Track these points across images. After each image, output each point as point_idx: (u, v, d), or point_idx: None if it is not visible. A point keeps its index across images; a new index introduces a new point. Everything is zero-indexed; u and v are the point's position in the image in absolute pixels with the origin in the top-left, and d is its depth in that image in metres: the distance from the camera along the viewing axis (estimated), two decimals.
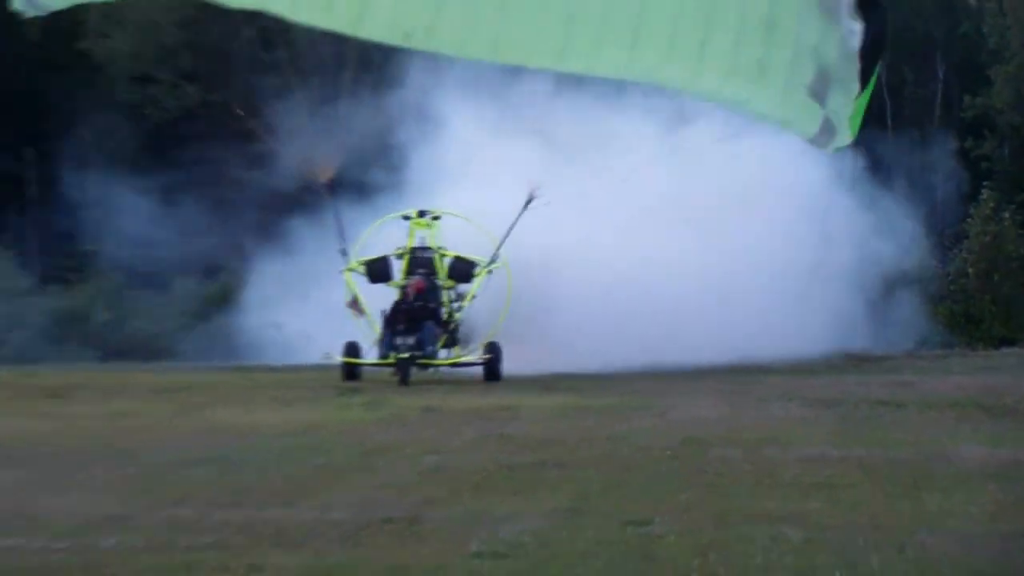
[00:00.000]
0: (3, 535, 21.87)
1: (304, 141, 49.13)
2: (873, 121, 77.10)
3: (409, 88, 64.21)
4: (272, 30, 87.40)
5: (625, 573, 18.90)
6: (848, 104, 16.41)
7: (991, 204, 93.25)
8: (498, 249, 41.98)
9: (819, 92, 16.48)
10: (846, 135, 16.93)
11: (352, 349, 39.68)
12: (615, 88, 62.62)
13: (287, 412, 36.73)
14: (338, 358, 37.89)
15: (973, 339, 73.41)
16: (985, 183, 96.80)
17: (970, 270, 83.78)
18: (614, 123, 63.76)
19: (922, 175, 79.71)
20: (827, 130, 16.90)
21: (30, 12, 17.38)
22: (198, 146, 68.65)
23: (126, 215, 61.86)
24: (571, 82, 61.57)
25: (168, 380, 47.60)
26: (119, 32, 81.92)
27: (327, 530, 22.18)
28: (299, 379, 43.86)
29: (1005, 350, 67.16)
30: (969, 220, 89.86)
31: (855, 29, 15.28)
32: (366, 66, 75.94)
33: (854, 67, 15.93)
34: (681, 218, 58.68)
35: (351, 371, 39.57)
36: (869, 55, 15.16)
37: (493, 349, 38.24)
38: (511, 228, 43.79)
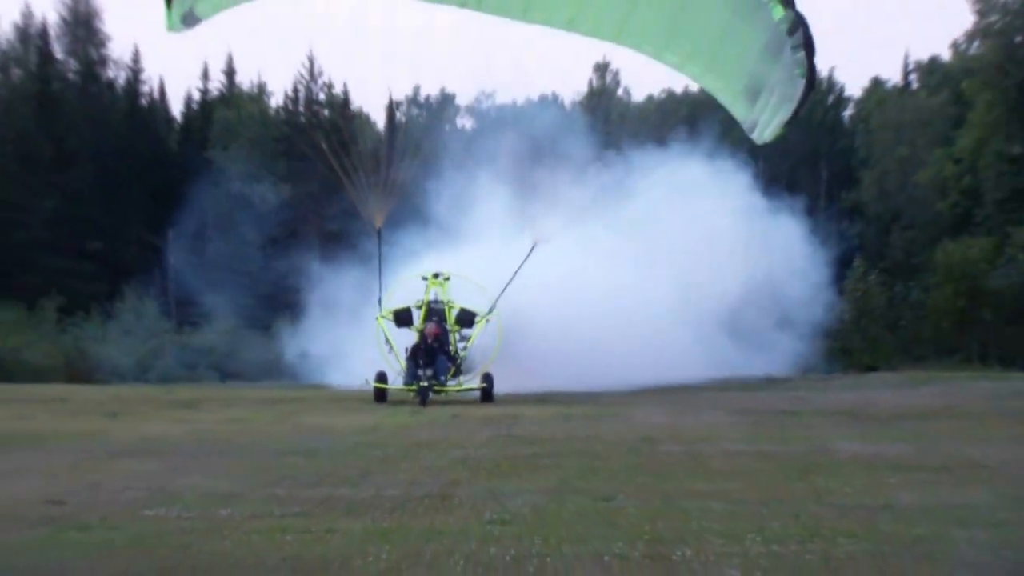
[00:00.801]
0: (151, 506, 22.16)
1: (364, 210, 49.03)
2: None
3: (447, 171, 63.61)
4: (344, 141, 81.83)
5: (596, 535, 18.98)
6: (775, 116, 17.53)
7: (861, 269, 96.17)
8: (495, 303, 43.12)
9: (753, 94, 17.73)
10: (766, 135, 18.12)
11: (382, 377, 40.74)
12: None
13: (352, 417, 37.51)
14: (370, 383, 38.08)
15: (847, 366, 73.62)
16: (857, 254, 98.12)
17: (845, 316, 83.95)
18: (581, 198, 60.72)
19: (813, 249, 79.84)
20: (752, 127, 17.89)
21: (182, 29, 17.97)
22: (289, 228, 68.88)
23: (236, 276, 62.52)
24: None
25: (268, 395, 48.37)
26: (235, 145, 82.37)
27: (383, 503, 22.44)
28: (354, 396, 44.29)
29: (871, 375, 67.32)
30: (845, 281, 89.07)
31: (796, 73, 16.24)
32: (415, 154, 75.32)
33: (789, 93, 16.99)
34: (627, 272, 59.29)
35: (381, 394, 40.53)
36: (805, 93, 15.76)
37: (488, 379, 39.69)
38: (512, 278, 44.59)
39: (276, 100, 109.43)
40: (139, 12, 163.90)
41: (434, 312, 41.84)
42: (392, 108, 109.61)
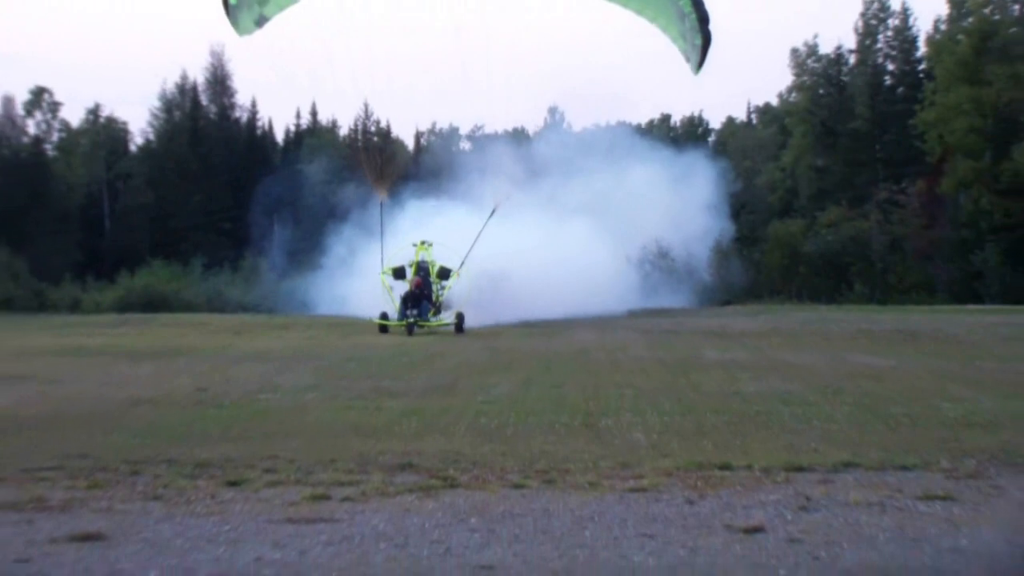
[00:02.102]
0: (262, 393, 22.45)
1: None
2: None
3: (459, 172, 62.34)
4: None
5: (549, 411, 19.18)
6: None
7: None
8: (463, 261, 43.07)
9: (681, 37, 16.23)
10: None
11: (384, 315, 40.64)
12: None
13: (386, 338, 37.59)
14: (376, 320, 37.84)
15: (711, 302, 72.39)
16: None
17: (712, 268, 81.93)
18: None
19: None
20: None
21: (254, 31, 16.08)
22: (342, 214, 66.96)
23: (311, 244, 61.09)
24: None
25: (327, 321, 47.71)
26: (316, 161, 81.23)
27: (412, 391, 22.77)
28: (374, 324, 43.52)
29: (726, 307, 66.60)
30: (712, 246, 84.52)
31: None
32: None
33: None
34: (576, 237, 55.98)
35: (383, 328, 40.48)
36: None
37: (460, 316, 40.15)
38: (477, 237, 44.11)
39: (343, 131, 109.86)
40: (256, 75, 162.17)
41: (421, 268, 42.60)
42: (418, 136, 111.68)
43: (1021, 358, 29.93)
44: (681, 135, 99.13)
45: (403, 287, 41.69)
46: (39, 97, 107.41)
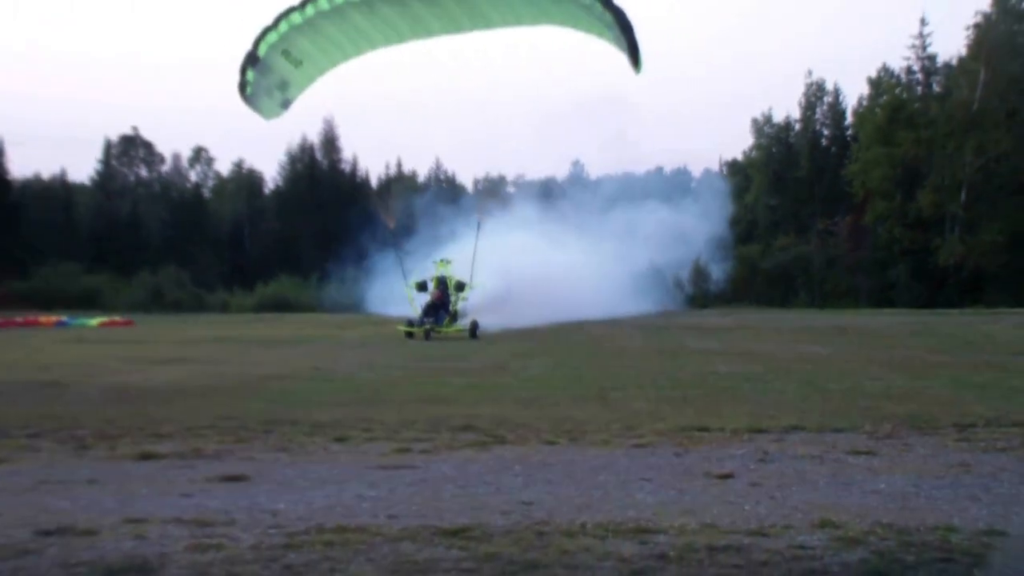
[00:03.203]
0: (361, 371, 22.39)
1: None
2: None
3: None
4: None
5: (572, 387, 19.11)
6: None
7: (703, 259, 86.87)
8: (472, 275, 39.70)
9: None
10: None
11: (409, 323, 36.91)
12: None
13: (440, 339, 36.94)
14: (401, 327, 36.33)
15: (694, 306, 72.13)
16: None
17: (692, 281, 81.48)
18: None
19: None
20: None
21: (280, 114, 14.71)
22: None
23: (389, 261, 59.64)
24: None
25: (380, 320, 46.95)
26: (399, 199, 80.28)
27: (471, 370, 22.68)
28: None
29: (704, 310, 66.35)
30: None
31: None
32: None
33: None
34: (585, 254, 54.10)
35: (409, 334, 36.75)
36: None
37: (474, 324, 36.90)
38: (475, 253, 40.50)
39: (420, 178, 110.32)
40: (358, 135, 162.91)
41: (441, 282, 39.74)
42: (475, 182, 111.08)
43: (923, 347, 29.87)
44: (671, 182, 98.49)
45: (425, 298, 39.40)
46: (199, 154, 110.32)
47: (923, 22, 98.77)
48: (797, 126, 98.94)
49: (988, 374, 21.26)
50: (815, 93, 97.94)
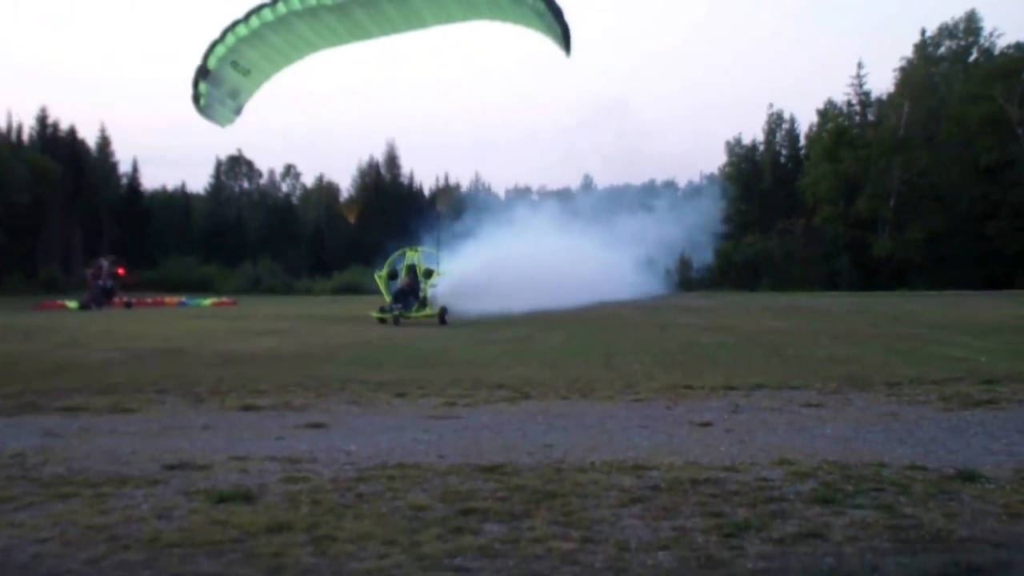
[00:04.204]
0: (418, 341, 22.28)
1: None
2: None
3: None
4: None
5: (584, 353, 19.10)
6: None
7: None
8: (438, 265, 34.58)
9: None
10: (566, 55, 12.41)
11: (382, 309, 33.03)
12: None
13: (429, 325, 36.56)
14: (374, 313, 33.52)
15: (680, 290, 71.79)
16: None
17: (681, 270, 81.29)
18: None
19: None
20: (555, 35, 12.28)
21: (235, 120, 13.36)
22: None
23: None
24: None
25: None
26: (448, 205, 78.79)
27: (507, 341, 22.70)
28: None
29: (689, 293, 66.03)
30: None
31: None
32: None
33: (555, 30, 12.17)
34: (595, 247, 49.74)
35: (381, 319, 31.91)
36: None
37: (443, 310, 31.57)
38: (438, 244, 37.93)
39: (463, 188, 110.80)
40: (416, 151, 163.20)
41: (411, 270, 34.02)
42: (507, 191, 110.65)
43: (860, 322, 29.68)
44: (662, 192, 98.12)
45: (396, 285, 34.44)
46: (289, 170, 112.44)
47: (860, 65, 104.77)
48: (761, 147, 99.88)
49: (911, 343, 21.15)
50: (775, 121, 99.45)
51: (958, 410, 11.05)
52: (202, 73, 12.09)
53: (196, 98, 12.22)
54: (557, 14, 11.28)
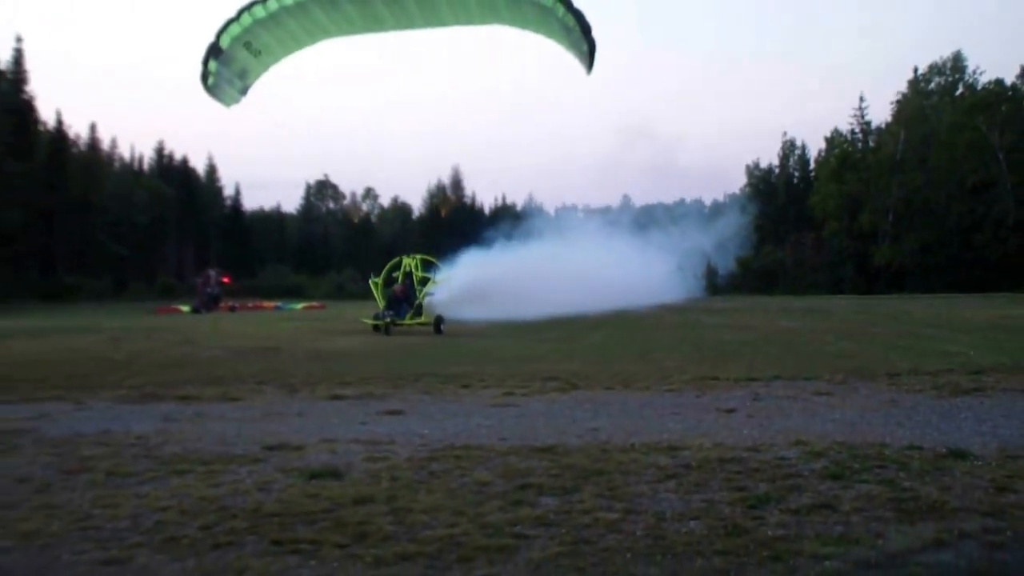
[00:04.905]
0: (480, 339, 22.08)
1: None
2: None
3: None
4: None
5: (623, 350, 19.04)
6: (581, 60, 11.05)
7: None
8: (434, 274, 30.93)
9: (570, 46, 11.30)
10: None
11: (376, 316, 29.44)
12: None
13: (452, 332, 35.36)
14: (366, 320, 29.07)
15: (714, 294, 70.82)
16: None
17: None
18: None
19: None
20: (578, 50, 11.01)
21: (240, 100, 11.91)
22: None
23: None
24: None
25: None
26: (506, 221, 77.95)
27: (553, 338, 22.45)
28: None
29: (713, 298, 65.45)
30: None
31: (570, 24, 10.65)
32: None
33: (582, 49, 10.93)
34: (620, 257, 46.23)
35: (375, 326, 27.45)
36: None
37: (439, 319, 27.41)
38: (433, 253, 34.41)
39: (519, 207, 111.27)
40: (476, 176, 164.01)
41: (407, 277, 30.12)
42: (556, 210, 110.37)
43: (863, 321, 29.31)
44: (690, 208, 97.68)
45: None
46: (368, 192, 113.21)
47: (861, 99, 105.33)
48: (776, 170, 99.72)
49: (908, 339, 20.92)
50: (788, 147, 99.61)
51: (949, 397, 10.97)
52: (214, 51, 10.96)
53: (204, 76, 11.02)
54: (586, 31, 10.45)
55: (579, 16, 10.34)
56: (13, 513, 6.02)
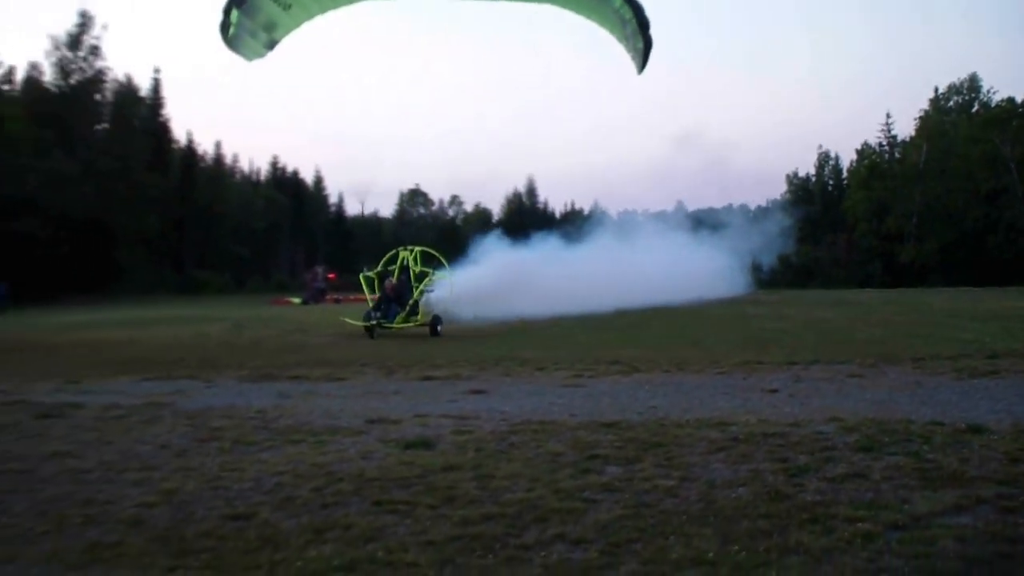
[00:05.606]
0: (550, 328, 21.98)
1: None
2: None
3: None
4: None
5: (678, 336, 18.86)
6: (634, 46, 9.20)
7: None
8: (432, 271, 25.12)
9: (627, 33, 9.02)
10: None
11: (367, 315, 23.75)
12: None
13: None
14: (348, 319, 24.02)
15: (758, 288, 69.86)
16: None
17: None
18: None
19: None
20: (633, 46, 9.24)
21: (265, 54, 9.54)
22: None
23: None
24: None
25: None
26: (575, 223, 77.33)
27: (616, 328, 22.22)
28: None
29: (758, 291, 64.35)
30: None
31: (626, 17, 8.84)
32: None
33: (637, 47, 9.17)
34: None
35: (367, 327, 20.83)
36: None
37: (435, 319, 21.92)
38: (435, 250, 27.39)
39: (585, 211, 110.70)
40: (549, 185, 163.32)
41: (403, 270, 24.65)
42: (618, 214, 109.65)
43: (890, 312, 28.52)
44: (737, 212, 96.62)
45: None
46: (454, 199, 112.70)
47: (888, 115, 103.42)
48: (813, 178, 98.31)
49: (930, 328, 20.36)
50: (823, 158, 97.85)
51: (968, 379, 10.77)
52: (237, 1, 8.91)
53: (224, 27, 9.02)
54: (644, 26, 8.90)
55: (637, 9, 8.90)
56: (157, 474, 6.22)
